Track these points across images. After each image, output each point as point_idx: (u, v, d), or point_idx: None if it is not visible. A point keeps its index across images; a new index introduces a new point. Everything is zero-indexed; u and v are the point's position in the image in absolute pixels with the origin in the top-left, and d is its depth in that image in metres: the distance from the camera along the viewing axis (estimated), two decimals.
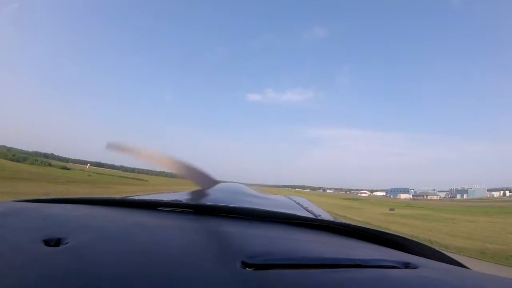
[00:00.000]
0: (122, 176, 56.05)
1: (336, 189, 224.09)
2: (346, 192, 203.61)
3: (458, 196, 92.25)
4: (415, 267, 0.45)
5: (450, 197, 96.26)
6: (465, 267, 0.57)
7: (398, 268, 0.45)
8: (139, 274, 0.35)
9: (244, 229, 0.58)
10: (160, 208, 0.71)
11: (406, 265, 0.46)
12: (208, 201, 0.91)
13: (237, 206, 0.76)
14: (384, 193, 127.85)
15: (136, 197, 1.04)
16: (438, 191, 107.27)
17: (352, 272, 0.41)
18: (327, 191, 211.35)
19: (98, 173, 52.08)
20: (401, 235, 0.65)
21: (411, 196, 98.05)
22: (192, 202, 0.73)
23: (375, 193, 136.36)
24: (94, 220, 0.56)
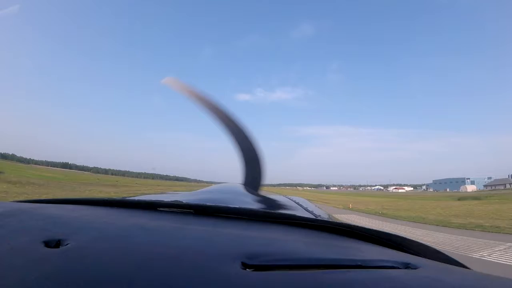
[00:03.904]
0: None
1: (341, 186, 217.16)
2: (355, 188, 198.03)
3: None
4: (415, 267, 0.45)
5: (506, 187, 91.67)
6: (466, 267, 0.57)
7: (399, 268, 0.45)
8: (139, 275, 0.35)
9: (244, 229, 0.58)
10: (160, 209, 0.71)
11: (406, 266, 0.46)
12: (208, 201, 0.90)
13: (237, 206, 0.76)
14: (424, 187, 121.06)
15: (136, 198, 1.03)
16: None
17: (352, 272, 0.41)
18: (331, 188, 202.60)
19: None
20: (401, 235, 0.65)
21: (476, 188, 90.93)
22: (192, 203, 0.74)
23: (388, 189, 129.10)
24: (94, 221, 0.56)
